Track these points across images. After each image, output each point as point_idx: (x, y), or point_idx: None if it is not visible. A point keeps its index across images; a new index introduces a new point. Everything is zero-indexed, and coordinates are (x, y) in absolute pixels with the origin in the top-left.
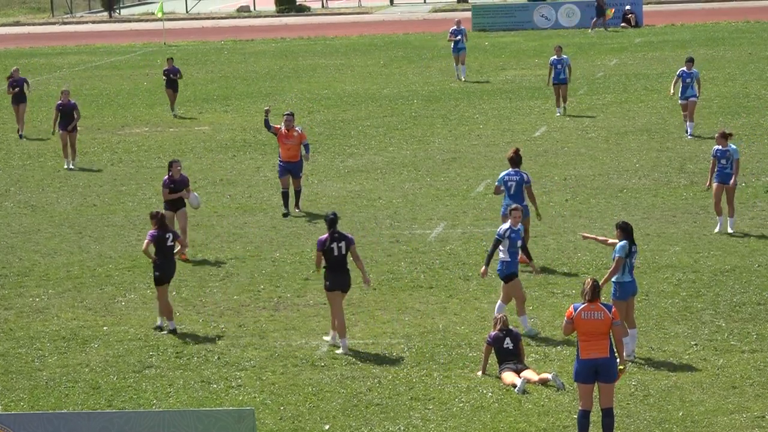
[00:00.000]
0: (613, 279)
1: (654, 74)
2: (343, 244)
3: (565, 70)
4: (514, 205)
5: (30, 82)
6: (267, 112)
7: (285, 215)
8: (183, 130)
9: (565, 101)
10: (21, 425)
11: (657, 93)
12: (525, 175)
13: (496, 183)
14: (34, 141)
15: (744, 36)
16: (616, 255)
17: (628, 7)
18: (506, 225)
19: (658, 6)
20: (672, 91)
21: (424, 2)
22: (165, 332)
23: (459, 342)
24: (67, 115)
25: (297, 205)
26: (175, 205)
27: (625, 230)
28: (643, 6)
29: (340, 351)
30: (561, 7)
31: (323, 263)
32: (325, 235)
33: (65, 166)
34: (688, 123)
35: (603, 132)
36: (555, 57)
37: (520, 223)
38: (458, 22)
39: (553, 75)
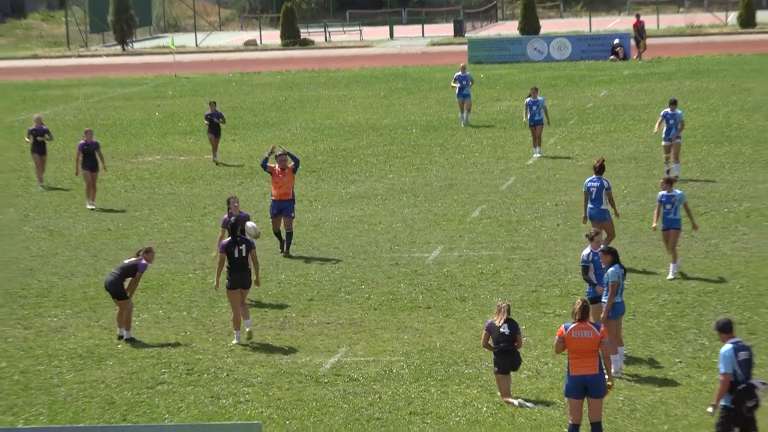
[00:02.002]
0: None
1: (641, 105)
2: (243, 247)
3: (541, 111)
4: (593, 230)
5: (51, 134)
6: (272, 150)
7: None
8: (193, 158)
9: (540, 144)
10: None
11: (644, 123)
12: (606, 182)
13: (584, 189)
14: (50, 169)
15: (726, 69)
16: (610, 280)
17: (617, 41)
18: (588, 249)
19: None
20: (656, 129)
21: (423, 36)
22: (122, 340)
23: (455, 359)
24: (90, 155)
25: (287, 249)
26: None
27: (615, 255)
28: (631, 40)
29: (234, 342)
30: (553, 41)
31: (226, 263)
32: (229, 239)
33: (87, 206)
34: (673, 165)
35: (592, 160)
36: (530, 98)
37: (602, 245)
38: (463, 68)
39: (528, 116)
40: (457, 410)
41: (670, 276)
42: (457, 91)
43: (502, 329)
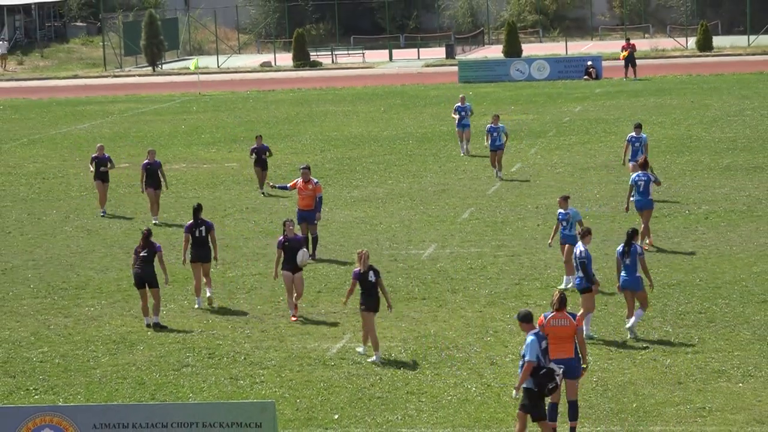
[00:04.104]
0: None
1: (612, 119)
2: (203, 228)
3: (501, 136)
4: (586, 228)
5: (113, 163)
6: (274, 186)
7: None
8: (215, 166)
9: (500, 168)
10: (78, 416)
11: (614, 135)
12: (652, 176)
13: (630, 183)
14: (89, 175)
15: (687, 87)
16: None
17: (590, 63)
18: (583, 246)
19: (614, 62)
20: (624, 159)
21: (418, 58)
22: (150, 326)
23: (448, 345)
24: (153, 174)
25: (313, 252)
26: (293, 268)
27: (629, 235)
28: (602, 62)
29: (196, 306)
30: (533, 63)
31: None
32: (191, 221)
33: (153, 222)
34: None
35: (569, 167)
36: (492, 124)
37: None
38: (462, 99)
39: (489, 141)
40: (449, 390)
41: (563, 286)
42: (456, 122)
43: (370, 278)
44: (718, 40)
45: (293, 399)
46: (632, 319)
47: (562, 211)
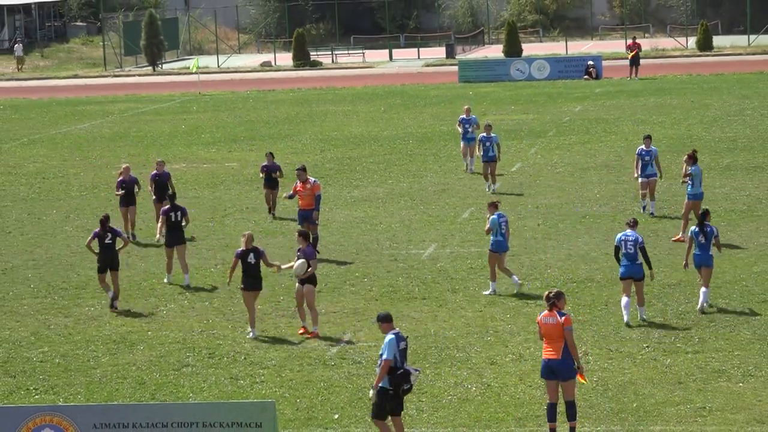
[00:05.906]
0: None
1: (612, 119)
2: (179, 212)
3: (494, 147)
4: (633, 219)
5: (141, 184)
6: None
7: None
8: (215, 166)
9: (494, 180)
10: (78, 415)
11: (614, 135)
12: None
13: (695, 172)
14: (89, 174)
15: (687, 87)
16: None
17: (590, 62)
18: (640, 237)
19: (614, 61)
20: (636, 173)
21: (418, 58)
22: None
23: (447, 345)
24: (161, 185)
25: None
26: (303, 280)
27: (702, 216)
28: (603, 61)
29: (165, 281)
30: (533, 62)
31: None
32: (167, 206)
33: (156, 236)
34: (648, 201)
35: (569, 167)
36: (484, 134)
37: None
38: (467, 111)
39: (482, 152)
40: (449, 390)
41: (488, 292)
42: (461, 136)
43: (249, 259)
44: (718, 40)
45: (293, 399)
46: (701, 299)
47: (493, 217)
